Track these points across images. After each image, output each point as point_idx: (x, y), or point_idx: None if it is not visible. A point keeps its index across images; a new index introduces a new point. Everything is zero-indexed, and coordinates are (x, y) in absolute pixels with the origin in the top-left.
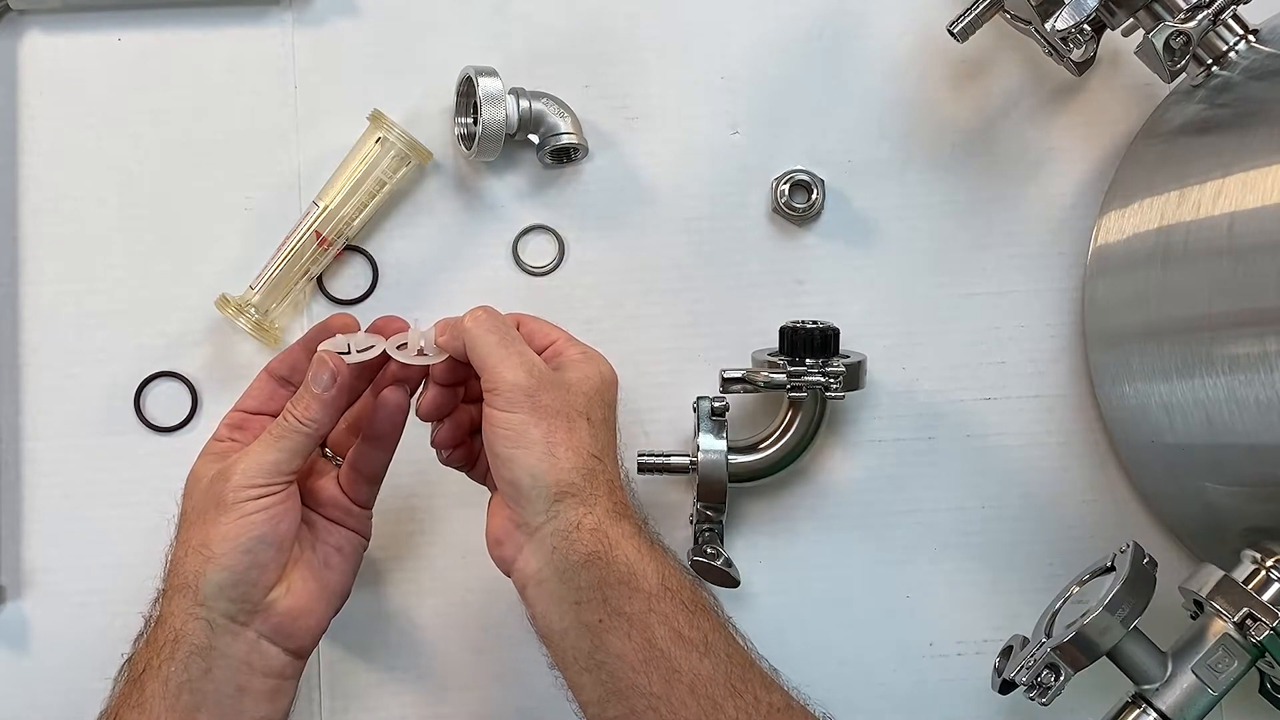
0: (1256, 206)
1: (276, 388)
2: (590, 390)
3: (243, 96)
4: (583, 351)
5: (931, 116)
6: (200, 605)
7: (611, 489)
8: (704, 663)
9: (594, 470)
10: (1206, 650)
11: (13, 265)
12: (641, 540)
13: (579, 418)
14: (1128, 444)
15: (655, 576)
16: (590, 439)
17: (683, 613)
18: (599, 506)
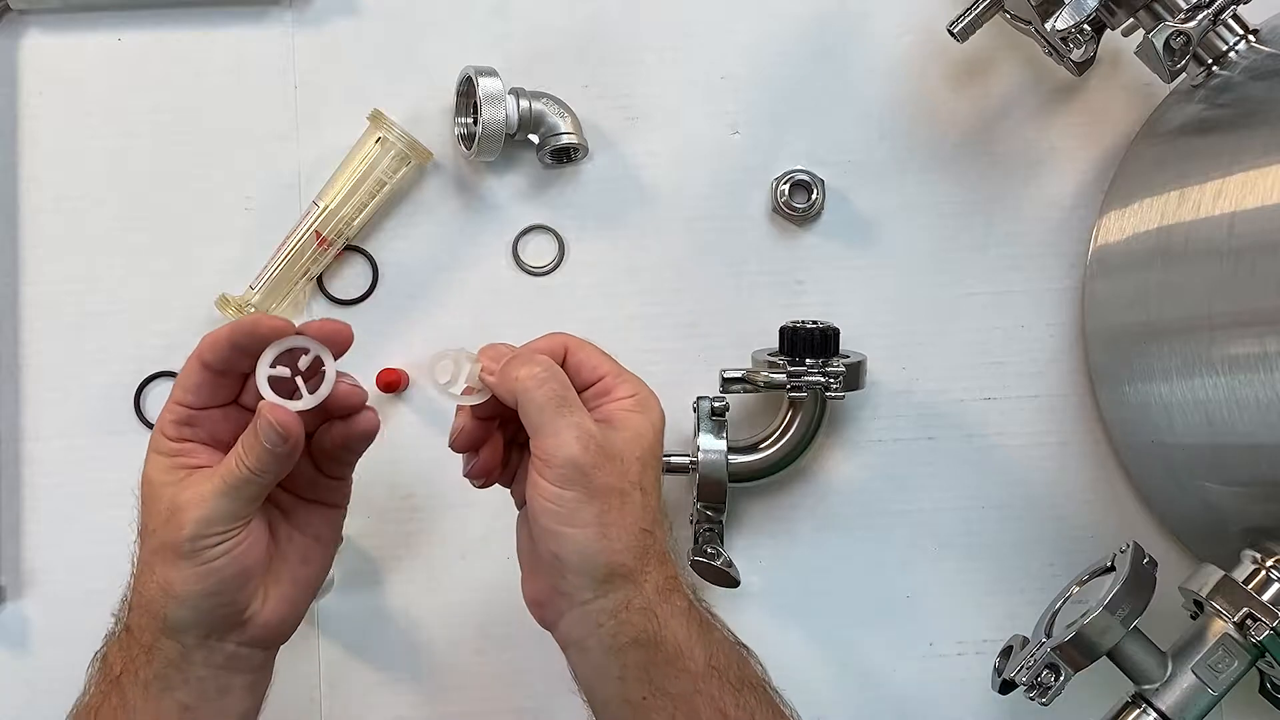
0: (1256, 206)
1: (215, 378)
2: (644, 452)
3: (243, 96)
4: (634, 394)
5: (931, 116)
6: (168, 633)
7: (663, 562)
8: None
9: (646, 546)
10: (1206, 650)
11: (13, 265)
12: (691, 617)
13: (633, 490)
14: (1128, 444)
15: (703, 656)
16: (643, 511)
17: (729, 693)
18: (649, 584)
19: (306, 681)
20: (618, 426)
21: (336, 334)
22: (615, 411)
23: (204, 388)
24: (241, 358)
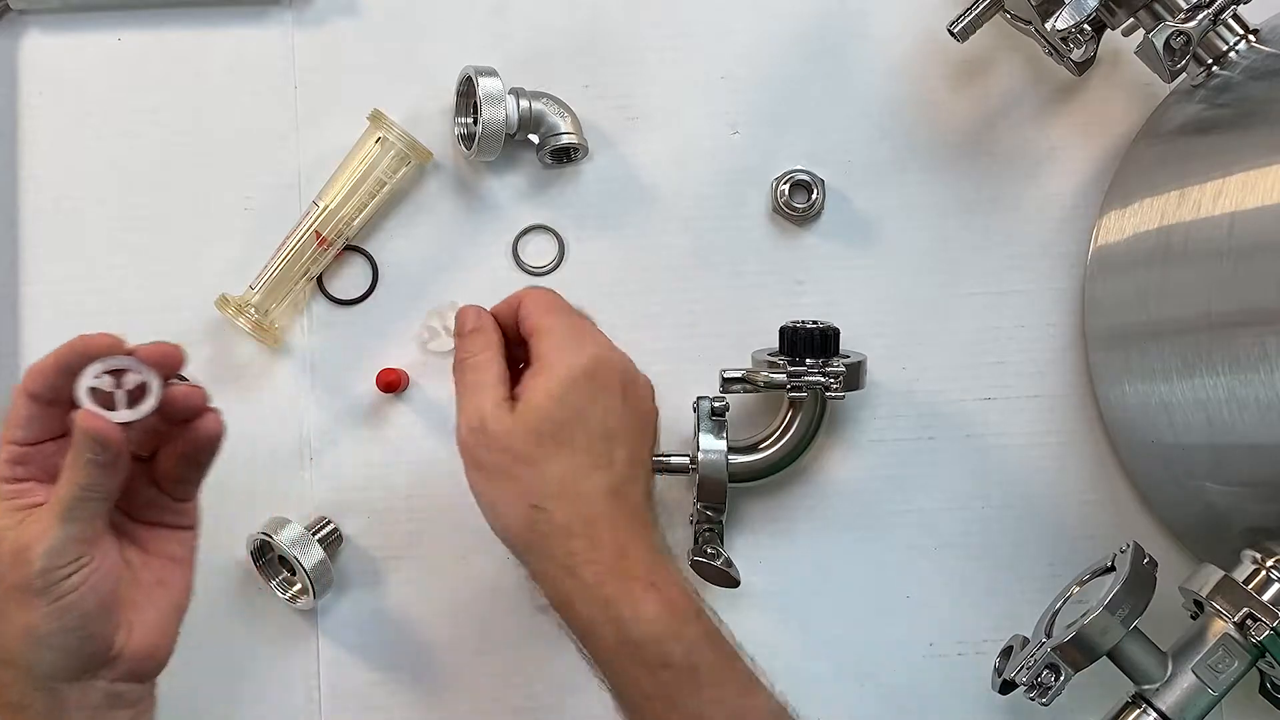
0: (1256, 206)
1: (45, 409)
2: (533, 423)
3: (243, 96)
4: (541, 356)
5: (931, 116)
6: (36, 684)
7: (566, 536)
8: (670, 714)
9: (535, 522)
10: (1206, 650)
11: (13, 265)
12: (596, 597)
13: (517, 465)
14: (1128, 444)
15: (612, 634)
16: (530, 485)
17: (642, 670)
18: (548, 562)
19: (306, 682)
20: (520, 395)
21: (166, 355)
22: (523, 380)
23: (34, 421)
24: (69, 383)
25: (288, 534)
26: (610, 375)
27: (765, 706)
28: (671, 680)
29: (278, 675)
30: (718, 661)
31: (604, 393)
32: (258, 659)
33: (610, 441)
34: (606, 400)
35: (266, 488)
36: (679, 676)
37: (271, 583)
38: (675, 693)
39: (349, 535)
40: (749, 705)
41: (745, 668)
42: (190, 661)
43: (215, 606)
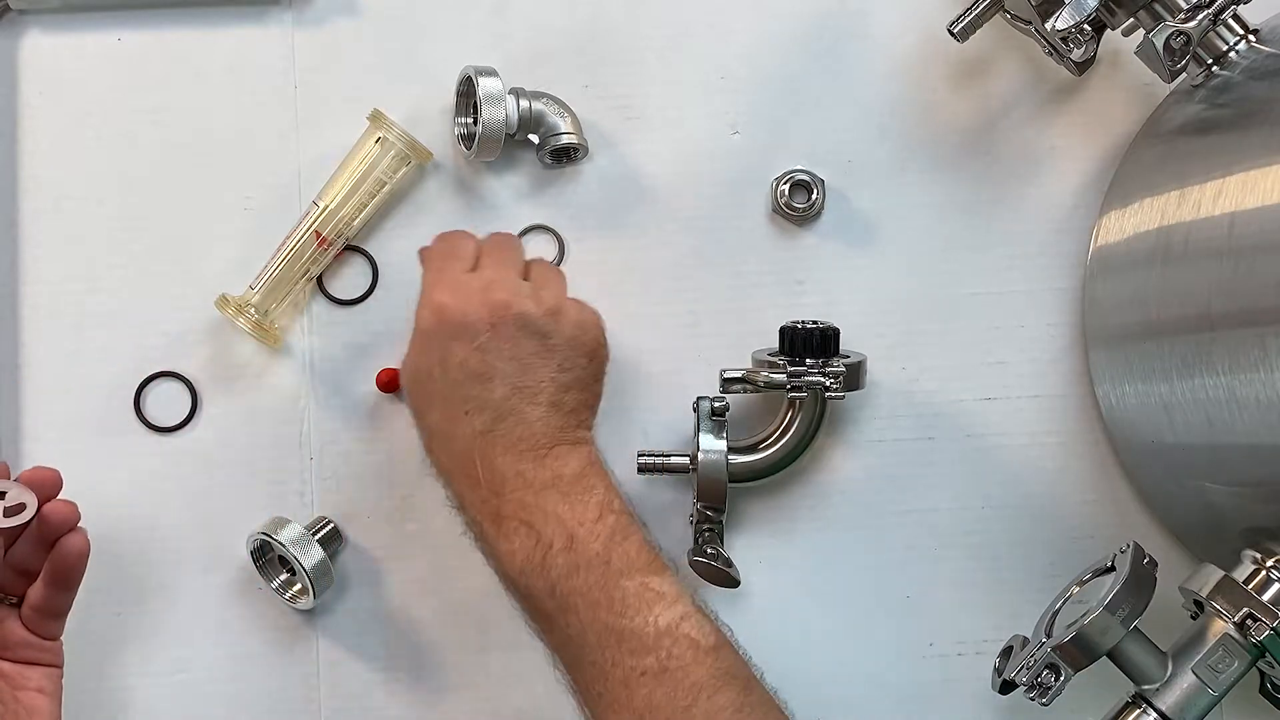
0: (1256, 206)
1: None
2: (408, 376)
3: (243, 96)
4: (418, 302)
5: (931, 116)
6: None
7: (448, 480)
8: (553, 635)
9: (432, 465)
10: (1206, 650)
11: (13, 265)
12: (475, 531)
13: (414, 419)
14: (1128, 444)
15: (492, 566)
16: (422, 436)
17: (520, 598)
18: (448, 498)
19: (306, 682)
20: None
21: (45, 480)
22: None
23: None
24: None
25: (288, 534)
26: (455, 322)
27: (644, 627)
28: (546, 606)
29: (278, 675)
30: (591, 584)
31: (455, 340)
32: (258, 659)
33: (482, 382)
34: (466, 342)
35: (266, 488)
36: (544, 604)
37: (271, 583)
38: (553, 615)
39: (349, 535)
40: (625, 626)
41: (636, 586)
42: (190, 661)
43: (215, 606)
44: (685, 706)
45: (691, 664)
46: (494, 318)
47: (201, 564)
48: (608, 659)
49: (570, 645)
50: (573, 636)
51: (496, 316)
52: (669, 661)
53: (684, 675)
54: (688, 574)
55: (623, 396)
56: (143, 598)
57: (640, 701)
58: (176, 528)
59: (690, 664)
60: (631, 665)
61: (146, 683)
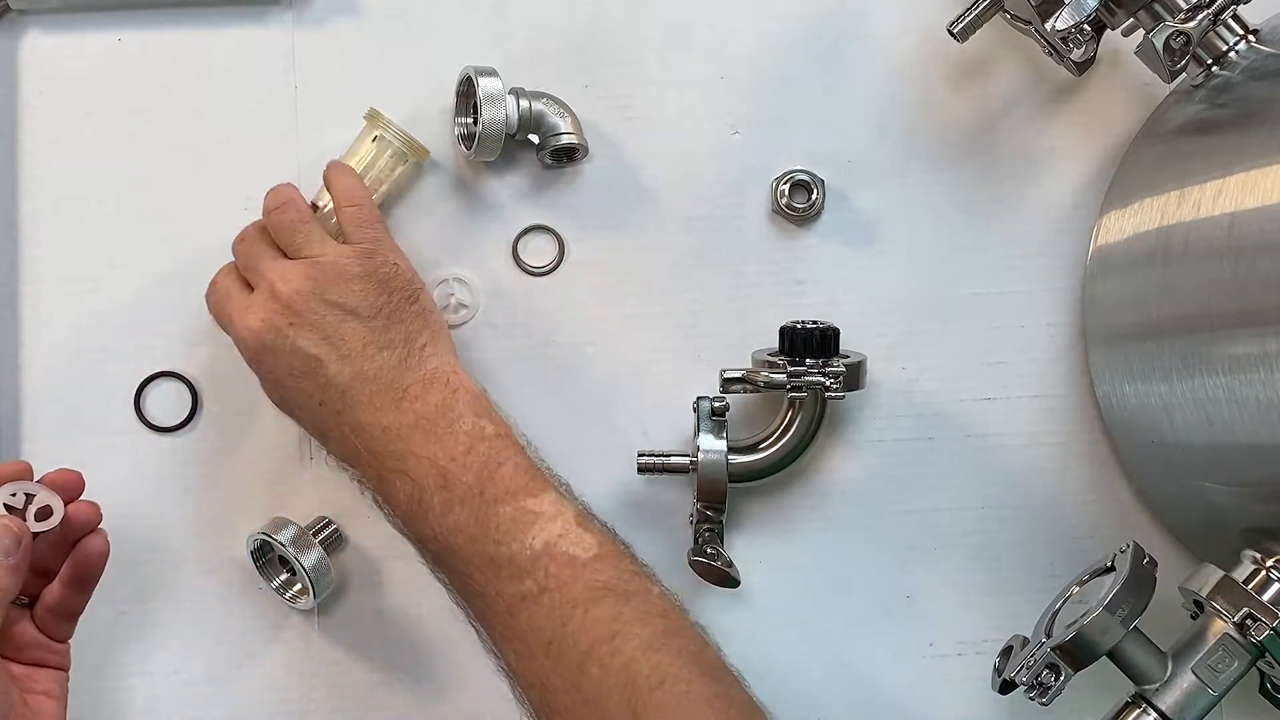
0: (1256, 206)
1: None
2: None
3: (243, 96)
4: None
5: (931, 116)
6: None
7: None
8: (447, 575)
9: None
10: (1206, 650)
11: (13, 265)
12: (375, 505)
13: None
14: (1128, 444)
15: (387, 517)
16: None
17: (414, 546)
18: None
19: (306, 682)
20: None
21: (68, 483)
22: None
23: None
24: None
25: (288, 534)
26: (261, 343)
27: (524, 549)
28: (429, 551)
29: (278, 675)
30: (466, 520)
31: (272, 355)
32: (258, 659)
33: (310, 375)
34: (278, 357)
35: (266, 488)
36: (431, 549)
37: (271, 583)
38: (441, 557)
39: (349, 535)
40: (502, 553)
41: (511, 512)
42: (190, 661)
43: (215, 606)
44: (561, 624)
45: (569, 581)
46: (287, 315)
47: (201, 564)
48: (491, 590)
49: (460, 584)
50: (461, 573)
51: (289, 313)
52: (547, 582)
53: (561, 593)
54: (689, 574)
55: (623, 396)
56: (143, 598)
57: (523, 626)
58: (176, 528)
59: (568, 581)
60: (512, 592)
61: (146, 683)
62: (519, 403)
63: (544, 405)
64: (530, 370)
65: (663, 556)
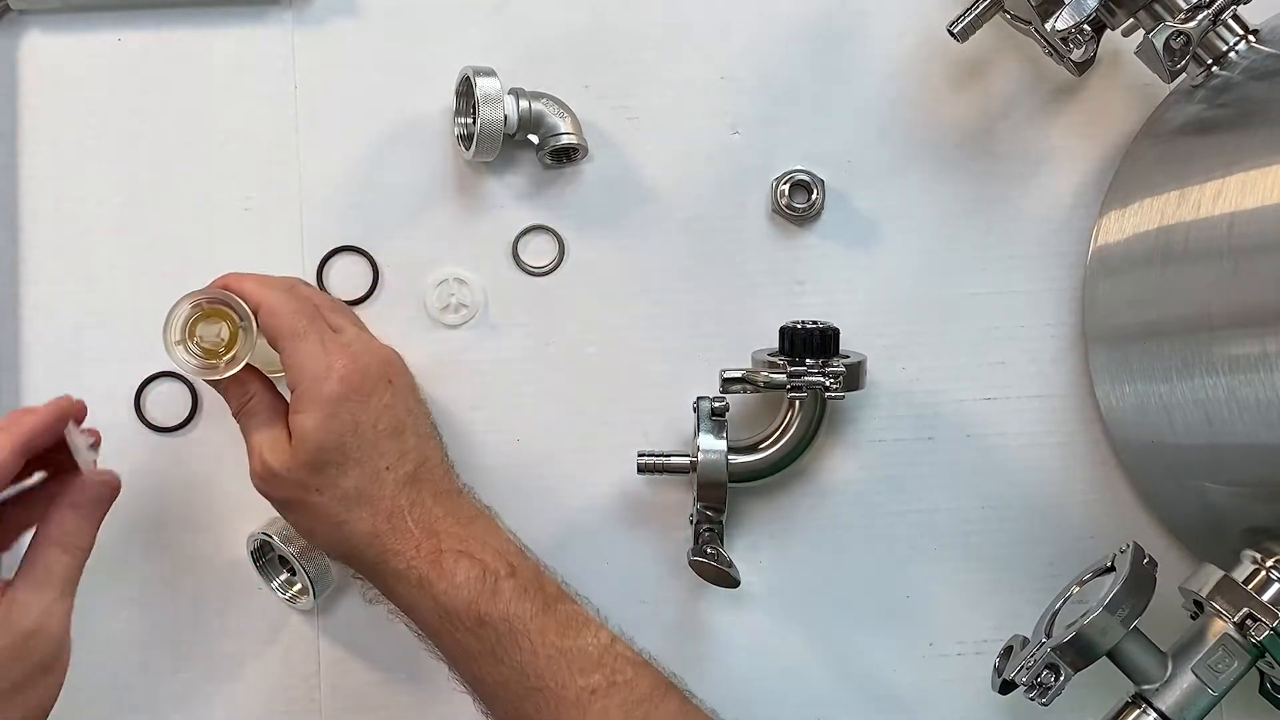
0: (1256, 206)
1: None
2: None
3: (243, 96)
4: (295, 389)
5: (931, 117)
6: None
7: (371, 539)
8: (498, 669)
9: (343, 537)
10: (1206, 650)
11: (13, 265)
12: (408, 578)
13: (309, 494)
14: (1128, 444)
15: (431, 608)
16: (328, 508)
17: (465, 633)
18: (362, 564)
19: (306, 682)
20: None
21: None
22: (291, 409)
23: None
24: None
25: (288, 534)
26: (368, 379)
27: (588, 645)
28: (492, 636)
29: (278, 675)
30: (535, 610)
31: (370, 397)
32: (258, 659)
33: (397, 437)
34: (375, 402)
35: None
36: (498, 631)
37: (271, 583)
38: (496, 647)
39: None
40: (570, 645)
41: (567, 611)
42: (190, 661)
43: (215, 606)
44: (640, 717)
45: (634, 678)
46: (388, 373)
47: (201, 564)
48: (558, 682)
49: (516, 677)
50: (521, 665)
51: (390, 372)
52: (615, 676)
53: (630, 689)
54: (689, 574)
55: (623, 396)
56: (143, 597)
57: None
58: (176, 528)
59: (633, 678)
60: (582, 685)
61: (147, 683)
62: (519, 403)
63: (544, 405)
64: (530, 370)
65: (663, 556)
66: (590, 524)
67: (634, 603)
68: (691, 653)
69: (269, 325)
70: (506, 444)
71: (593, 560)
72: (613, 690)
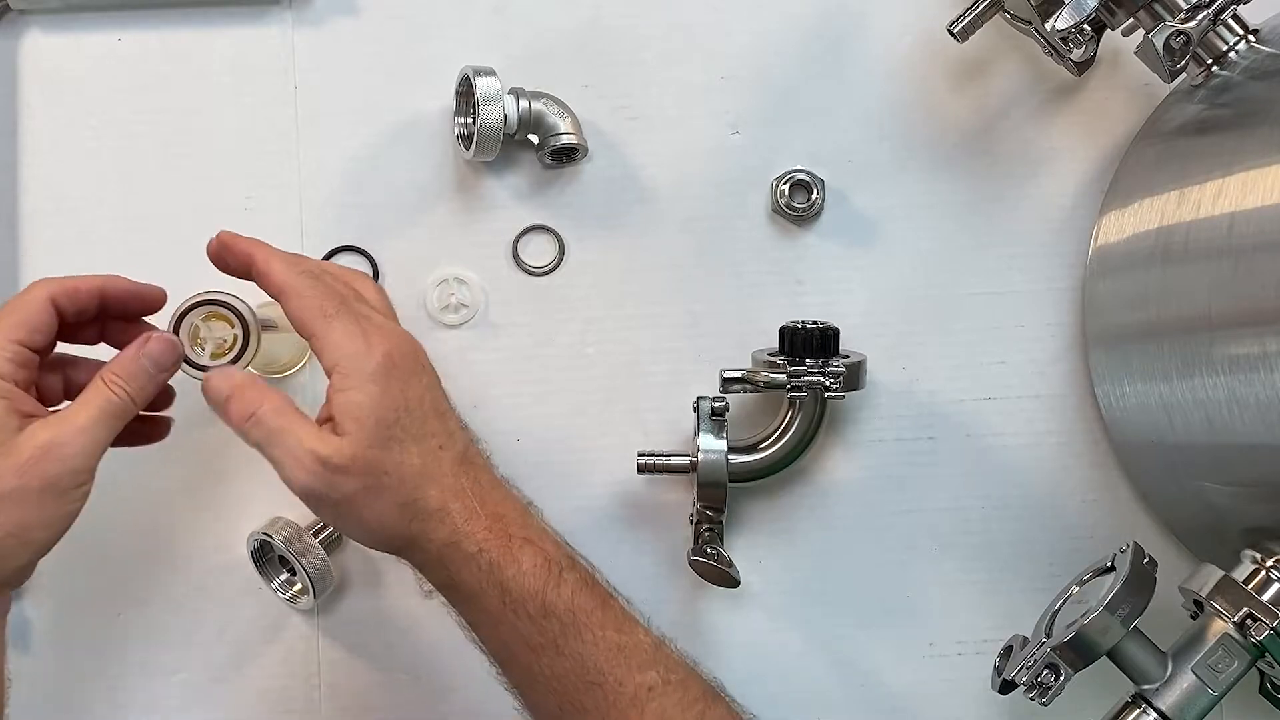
0: (1256, 206)
1: (57, 324)
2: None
3: (243, 96)
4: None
5: (931, 116)
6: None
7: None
8: (558, 662)
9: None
10: (1206, 650)
11: (13, 265)
12: (480, 562)
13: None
14: (1128, 444)
15: (496, 595)
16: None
17: (527, 622)
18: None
19: (306, 681)
20: (335, 417)
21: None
22: (331, 399)
23: (48, 328)
24: (92, 309)
25: (288, 534)
26: (407, 359)
27: (644, 641)
28: (555, 627)
29: (278, 675)
30: (594, 604)
31: (413, 376)
32: (258, 659)
33: (442, 417)
34: (418, 381)
35: (266, 488)
36: (561, 622)
37: (271, 583)
38: (559, 638)
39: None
40: (627, 641)
41: (620, 607)
42: (190, 661)
43: (215, 606)
44: (694, 717)
45: (687, 678)
46: (421, 358)
47: (202, 564)
48: (615, 678)
49: (576, 669)
50: (581, 657)
51: (423, 358)
52: (670, 675)
53: (685, 689)
54: (689, 574)
55: (623, 396)
56: (143, 598)
57: (651, 718)
58: (176, 528)
59: (686, 678)
60: (639, 681)
61: (146, 683)
62: (518, 403)
63: (544, 405)
64: (530, 370)
65: (663, 556)
66: (590, 524)
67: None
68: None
69: (297, 309)
70: (507, 444)
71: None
72: (668, 689)
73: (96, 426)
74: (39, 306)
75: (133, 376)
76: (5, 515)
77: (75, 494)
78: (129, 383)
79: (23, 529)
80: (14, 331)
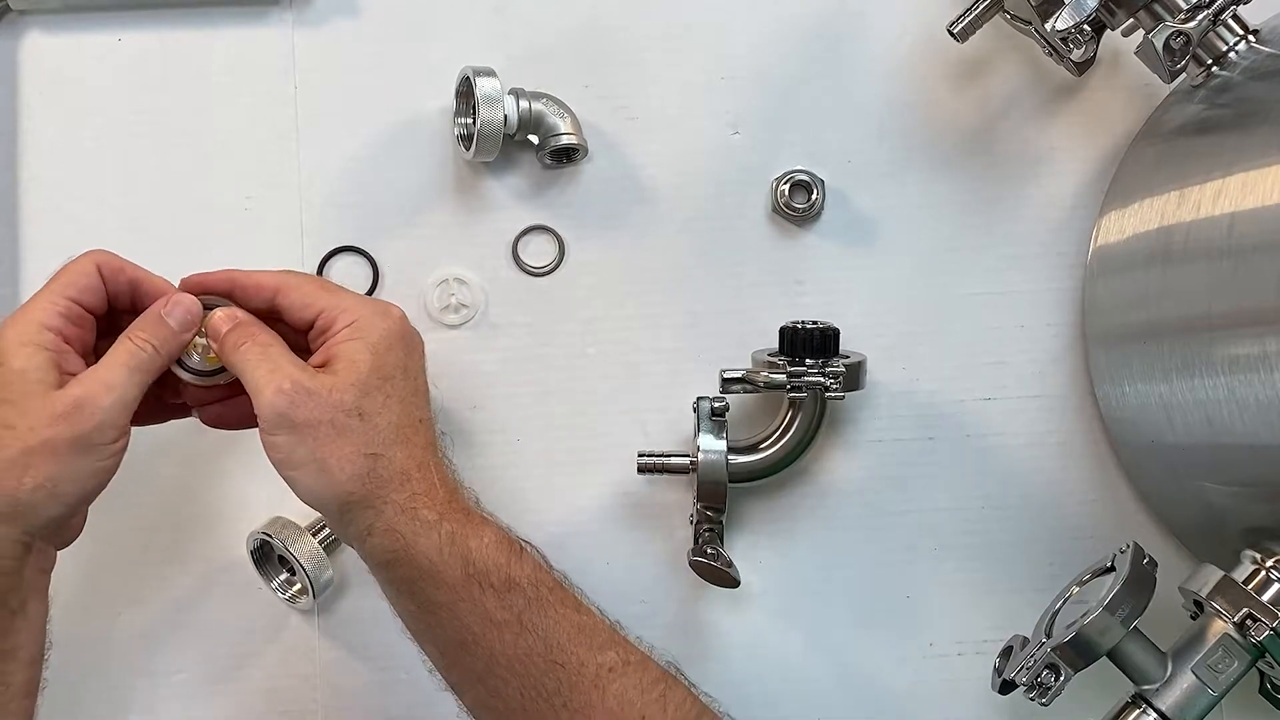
0: (1256, 206)
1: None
2: (359, 377)
3: (243, 96)
4: (351, 323)
5: (931, 117)
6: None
7: (405, 480)
8: (521, 640)
9: (372, 470)
10: (1206, 650)
11: (13, 265)
12: (441, 529)
13: (348, 418)
14: (1128, 444)
15: (459, 565)
16: (364, 436)
17: (491, 596)
18: (387, 507)
19: (307, 682)
20: (331, 360)
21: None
22: (332, 347)
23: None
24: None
25: (287, 534)
26: (413, 339)
27: (601, 622)
28: (520, 601)
29: (278, 675)
30: (554, 581)
31: (413, 353)
32: (258, 659)
33: (426, 399)
34: (416, 361)
35: (266, 488)
36: (526, 596)
37: (271, 583)
38: (524, 612)
39: None
40: (586, 621)
41: (574, 588)
42: (190, 661)
43: (215, 606)
44: (656, 698)
45: (644, 659)
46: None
47: (201, 564)
48: (578, 658)
49: (540, 648)
50: (546, 634)
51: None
52: (629, 656)
53: (644, 670)
54: (689, 574)
55: (623, 396)
56: (143, 598)
57: (613, 699)
58: (176, 528)
59: (644, 659)
60: (600, 661)
61: (146, 683)
62: (519, 402)
63: (544, 405)
64: (530, 370)
65: (663, 556)
66: (590, 524)
67: (634, 603)
68: (691, 653)
69: (300, 294)
70: (507, 444)
71: (593, 560)
72: (628, 669)
73: (125, 383)
74: (87, 268)
75: (157, 331)
76: (36, 468)
77: (104, 450)
78: (154, 337)
79: (53, 481)
80: (65, 289)
